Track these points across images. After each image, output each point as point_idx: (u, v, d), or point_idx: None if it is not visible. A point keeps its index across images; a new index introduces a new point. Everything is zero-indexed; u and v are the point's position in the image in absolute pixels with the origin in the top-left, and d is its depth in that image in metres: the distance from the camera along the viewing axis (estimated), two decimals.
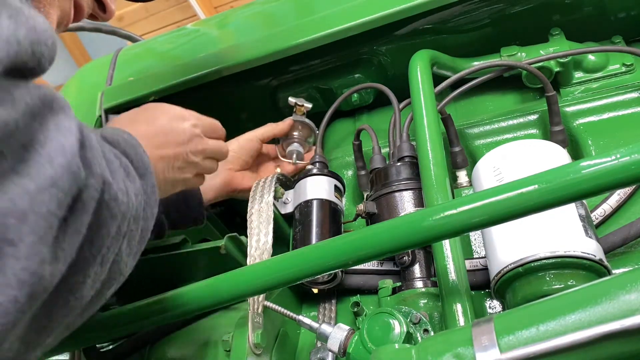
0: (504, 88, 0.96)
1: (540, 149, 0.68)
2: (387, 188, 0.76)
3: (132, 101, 1.01)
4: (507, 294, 0.62)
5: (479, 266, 0.70)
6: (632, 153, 0.45)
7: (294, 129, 0.98)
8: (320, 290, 0.77)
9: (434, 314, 0.64)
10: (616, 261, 0.67)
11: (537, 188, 0.47)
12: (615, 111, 0.84)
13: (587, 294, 0.40)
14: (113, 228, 0.40)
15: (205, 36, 1.11)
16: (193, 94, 1.03)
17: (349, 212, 0.91)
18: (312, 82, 1.06)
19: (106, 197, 0.39)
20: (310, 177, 0.83)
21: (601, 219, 0.72)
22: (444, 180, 0.68)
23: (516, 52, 0.91)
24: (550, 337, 0.39)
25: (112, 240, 0.41)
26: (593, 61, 0.88)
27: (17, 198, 0.32)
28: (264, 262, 0.64)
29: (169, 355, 0.73)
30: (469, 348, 0.41)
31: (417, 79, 0.79)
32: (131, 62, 1.12)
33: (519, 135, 0.89)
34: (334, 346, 0.58)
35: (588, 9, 0.92)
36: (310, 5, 1.01)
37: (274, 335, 0.69)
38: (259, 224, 0.71)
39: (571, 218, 0.60)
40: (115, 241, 0.42)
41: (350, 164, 0.97)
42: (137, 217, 0.46)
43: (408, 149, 0.80)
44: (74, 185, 0.36)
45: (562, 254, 0.57)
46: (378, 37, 0.98)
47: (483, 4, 0.92)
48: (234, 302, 0.63)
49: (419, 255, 0.71)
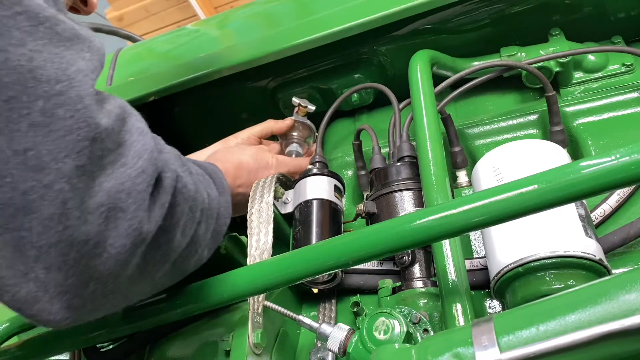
0: (504, 88, 0.96)
1: (540, 149, 0.68)
2: (387, 188, 0.76)
3: (132, 101, 1.01)
4: (507, 294, 0.62)
5: (479, 266, 0.70)
6: (632, 153, 0.45)
7: (294, 130, 0.98)
8: (320, 290, 0.77)
9: (434, 313, 0.64)
10: (616, 261, 0.67)
11: (537, 188, 0.47)
12: (615, 111, 0.84)
13: (587, 294, 0.40)
14: (185, 207, 0.54)
15: (205, 36, 1.12)
16: (193, 94, 1.03)
17: (349, 212, 0.91)
18: (312, 82, 1.06)
19: (179, 185, 0.53)
20: (310, 177, 0.83)
21: (601, 219, 0.72)
22: (444, 180, 0.68)
23: (516, 52, 0.91)
24: (550, 337, 0.39)
25: (187, 218, 0.54)
26: (593, 61, 0.88)
27: (124, 180, 0.46)
28: (264, 262, 0.64)
29: (169, 355, 0.73)
30: (469, 348, 0.41)
31: (417, 79, 0.79)
32: (131, 62, 1.13)
33: (519, 135, 0.89)
34: (334, 346, 0.58)
35: (588, 9, 0.92)
36: (310, 5, 1.02)
37: (274, 335, 0.69)
38: (259, 224, 0.71)
39: (571, 218, 0.60)
40: (191, 221, 0.55)
41: (350, 164, 0.97)
42: (211, 216, 0.60)
43: (408, 149, 0.80)
44: (155, 172, 0.49)
45: (562, 253, 0.57)
46: (378, 37, 0.98)
47: (483, 4, 0.93)
48: (234, 302, 0.63)
49: (419, 255, 0.71)
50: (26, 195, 0.40)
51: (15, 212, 0.40)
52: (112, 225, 0.45)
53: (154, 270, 0.52)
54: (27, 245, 0.41)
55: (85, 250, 0.43)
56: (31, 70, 0.41)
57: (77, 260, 0.43)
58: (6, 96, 0.40)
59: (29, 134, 0.40)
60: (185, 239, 0.55)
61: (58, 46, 0.43)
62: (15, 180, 0.40)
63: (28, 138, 0.40)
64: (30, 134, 0.40)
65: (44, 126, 0.41)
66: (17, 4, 0.41)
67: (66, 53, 0.44)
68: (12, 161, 0.40)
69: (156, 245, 0.51)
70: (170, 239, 0.52)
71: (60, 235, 0.41)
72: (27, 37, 0.41)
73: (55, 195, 0.41)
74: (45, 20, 0.43)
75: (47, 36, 0.42)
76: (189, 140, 1.22)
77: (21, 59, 0.40)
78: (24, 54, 0.41)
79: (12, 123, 0.40)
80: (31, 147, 0.40)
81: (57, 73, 0.42)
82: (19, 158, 0.40)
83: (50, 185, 0.41)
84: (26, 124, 0.40)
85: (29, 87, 0.40)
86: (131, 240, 0.46)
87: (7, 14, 0.40)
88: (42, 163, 0.41)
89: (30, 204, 0.40)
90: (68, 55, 0.44)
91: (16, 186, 0.40)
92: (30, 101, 0.40)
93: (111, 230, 0.45)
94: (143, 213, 0.47)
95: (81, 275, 0.44)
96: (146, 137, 0.50)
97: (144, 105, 1.06)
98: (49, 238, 0.41)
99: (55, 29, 0.43)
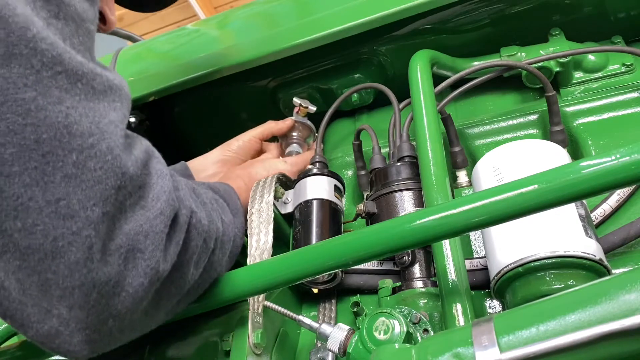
0: (504, 88, 0.96)
1: (540, 149, 0.68)
2: (387, 188, 0.76)
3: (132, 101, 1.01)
4: (507, 294, 0.62)
5: (479, 266, 0.70)
6: (632, 153, 0.45)
7: (294, 130, 0.98)
8: (320, 290, 0.77)
9: (434, 313, 0.64)
10: (616, 261, 0.67)
11: (537, 188, 0.47)
12: (615, 111, 0.84)
13: (587, 294, 0.40)
14: (199, 241, 0.56)
15: (205, 36, 1.12)
16: (193, 94, 1.03)
17: (349, 212, 0.91)
18: (312, 82, 1.06)
19: (193, 221, 0.55)
20: (310, 177, 0.83)
21: (601, 219, 0.72)
22: (444, 180, 0.67)
23: (516, 52, 0.91)
24: (550, 337, 0.39)
25: (201, 250, 0.56)
26: (593, 61, 0.88)
27: (142, 223, 0.48)
28: (264, 262, 0.64)
29: (169, 355, 0.73)
30: (469, 348, 0.41)
31: (417, 79, 0.79)
32: (131, 62, 1.12)
33: (519, 135, 0.89)
34: (334, 346, 0.58)
35: (588, 9, 0.92)
36: (310, 5, 1.02)
37: (274, 335, 0.69)
38: (259, 224, 0.71)
39: (571, 218, 0.60)
40: (204, 253, 0.57)
41: (350, 164, 0.97)
42: (227, 241, 0.63)
43: (408, 149, 0.80)
44: (172, 212, 0.51)
45: (562, 253, 0.57)
46: (378, 37, 0.98)
47: (483, 4, 0.93)
48: (234, 302, 0.63)
49: (419, 255, 0.71)
50: (56, 241, 0.43)
51: (44, 257, 0.43)
52: (130, 266, 0.47)
53: (168, 303, 0.55)
54: (52, 286, 0.43)
55: (106, 290, 0.45)
56: (67, 126, 0.43)
57: (97, 300, 0.45)
58: (43, 151, 0.42)
59: (62, 184, 0.43)
60: (199, 270, 0.58)
61: (93, 100, 0.46)
62: (47, 228, 0.42)
63: (61, 189, 0.43)
64: (63, 185, 0.43)
65: (76, 177, 0.43)
66: (58, 64, 0.43)
67: (100, 106, 0.47)
68: (45, 210, 0.42)
69: (170, 281, 0.53)
70: (184, 273, 0.55)
71: (85, 277, 0.44)
72: (65, 95, 0.44)
73: (83, 242, 0.43)
74: (82, 76, 0.45)
75: (83, 92, 0.45)
76: (189, 140, 1.22)
77: (59, 116, 0.43)
78: (62, 111, 0.43)
79: (47, 175, 0.42)
80: (63, 197, 0.43)
81: (91, 127, 0.45)
82: (51, 207, 0.42)
83: (78, 232, 0.43)
84: (60, 176, 0.43)
85: (64, 142, 0.43)
86: (148, 279, 0.48)
87: (49, 74, 0.43)
88: (72, 212, 0.43)
89: (58, 249, 0.43)
90: (101, 107, 0.47)
91: (47, 233, 0.42)
92: (65, 155, 0.43)
93: (130, 270, 0.47)
94: (160, 253, 0.49)
95: (101, 313, 0.46)
96: (165, 179, 0.52)
97: (144, 105, 1.06)
98: (74, 281, 0.43)
99: (92, 84, 0.46)
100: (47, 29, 0.43)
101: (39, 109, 0.42)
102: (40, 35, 0.42)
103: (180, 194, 0.55)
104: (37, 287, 0.43)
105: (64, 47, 0.44)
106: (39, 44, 0.42)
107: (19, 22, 0.41)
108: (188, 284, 0.56)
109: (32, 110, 0.41)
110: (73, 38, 0.47)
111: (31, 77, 0.41)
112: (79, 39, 0.47)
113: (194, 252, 0.55)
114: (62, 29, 0.45)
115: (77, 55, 0.45)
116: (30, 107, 0.41)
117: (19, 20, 0.41)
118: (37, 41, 0.42)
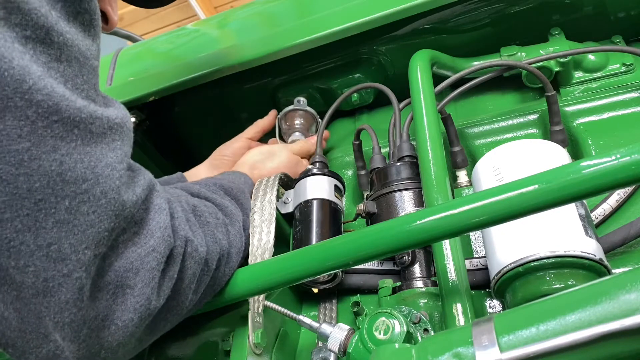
0: (504, 88, 0.96)
1: (540, 148, 0.68)
2: (387, 188, 0.76)
3: (132, 101, 1.01)
4: (507, 294, 0.62)
5: (479, 266, 0.70)
6: (632, 153, 0.45)
7: (296, 118, 0.98)
8: (320, 290, 0.77)
9: (434, 313, 0.64)
10: (616, 261, 0.67)
11: (537, 188, 0.47)
12: (615, 111, 0.84)
13: (587, 294, 0.40)
14: (197, 269, 0.56)
15: (205, 36, 1.11)
16: (193, 94, 1.03)
17: (349, 212, 0.91)
18: (312, 82, 1.06)
19: (189, 250, 0.55)
20: (310, 177, 0.83)
21: (601, 219, 0.72)
22: (444, 180, 0.67)
23: (516, 52, 0.91)
24: (550, 336, 0.39)
25: (200, 275, 0.57)
26: (593, 61, 0.88)
27: (133, 260, 0.49)
28: (265, 262, 0.64)
29: (169, 355, 0.73)
30: (469, 348, 0.41)
31: (417, 78, 0.79)
32: (131, 62, 1.12)
33: (519, 135, 0.89)
34: (334, 346, 0.58)
35: (588, 9, 0.92)
36: (310, 5, 1.01)
37: (274, 335, 0.69)
38: (261, 223, 0.71)
39: (571, 218, 0.60)
40: (205, 275, 0.58)
41: (350, 164, 0.97)
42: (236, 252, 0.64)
43: (408, 149, 0.80)
44: (167, 249, 0.51)
45: (562, 253, 0.57)
46: (378, 37, 0.98)
47: (483, 4, 0.93)
48: (234, 302, 0.63)
49: (419, 255, 0.71)
50: (47, 282, 0.44)
51: (36, 294, 0.44)
52: (120, 301, 0.48)
53: (164, 328, 0.56)
54: (45, 318, 0.44)
55: (95, 324, 0.47)
56: (60, 173, 0.43)
57: (88, 335, 0.47)
58: (35, 199, 0.42)
59: (54, 230, 0.43)
60: (198, 295, 0.58)
61: (90, 144, 0.46)
62: (38, 269, 0.43)
63: (52, 234, 0.43)
64: (55, 230, 0.43)
65: (68, 222, 0.44)
66: (54, 113, 0.43)
67: (97, 149, 0.46)
68: (36, 254, 0.43)
69: (166, 309, 0.54)
70: (181, 301, 0.55)
71: (75, 315, 0.45)
72: (60, 143, 0.44)
73: (73, 283, 0.44)
74: (80, 122, 0.45)
75: (80, 137, 0.45)
76: (189, 140, 1.22)
77: (52, 164, 0.43)
78: (56, 159, 0.43)
79: (38, 222, 0.43)
80: (54, 241, 0.43)
81: (85, 172, 0.45)
82: (42, 251, 0.43)
83: (69, 274, 0.44)
84: (52, 222, 0.43)
85: (57, 189, 0.43)
86: (138, 315, 0.49)
87: (44, 124, 0.43)
88: (63, 255, 0.44)
89: (49, 289, 0.44)
90: (98, 151, 0.47)
91: (38, 274, 0.43)
92: (57, 201, 0.43)
93: (119, 305, 0.48)
94: (150, 290, 0.49)
95: (92, 346, 0.47)
96: (162, 214, 0.52)
97: (144, 105, 1.06)
98: (64, 318, 0.45)
99: (90, 128, 0.46)
100: (47, 74, 0.43)
101: (32, 159, 0.42)
102: (36, 86, 0.42)
103: (176, 222, 0.55)
104: (34, 316, 0.44)
105: (63, 94, 0.44)
106: (34, 95, 0.42)
107: (14, 75, 0.41)
108: (186, 309, 0.57)
109: (25, 160, 0.41)
110: (76, 78, 0.46)
111: (25, 129, 0.41)
112: (83, 78, 0.47)
113: (192, 280, 0.56)
114: (64, 70, 0.45)
115: (77, 99, 0.45)
116: (24, 157, 0.41)
117: (15, 73, 0.41)
118: (33, 92, 0.42)
